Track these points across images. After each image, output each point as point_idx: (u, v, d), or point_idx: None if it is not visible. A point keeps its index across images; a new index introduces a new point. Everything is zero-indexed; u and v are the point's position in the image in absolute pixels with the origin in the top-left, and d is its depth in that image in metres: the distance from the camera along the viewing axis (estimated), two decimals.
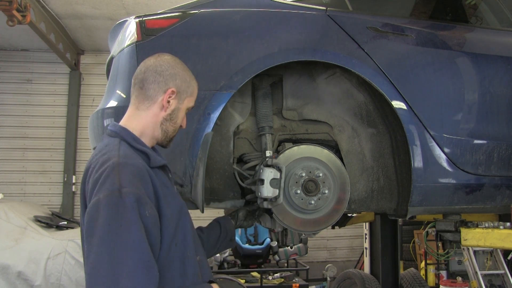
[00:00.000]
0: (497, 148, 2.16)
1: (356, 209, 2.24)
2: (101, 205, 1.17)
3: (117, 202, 1.17)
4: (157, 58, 1.46)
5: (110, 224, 1.15)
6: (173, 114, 1.44)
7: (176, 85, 1.43)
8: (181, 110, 1.46)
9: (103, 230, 1.14)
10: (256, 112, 2.13)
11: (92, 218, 1.17)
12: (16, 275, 4.15)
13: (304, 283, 5.39)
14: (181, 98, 1.45)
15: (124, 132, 1.38)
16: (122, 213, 1.16)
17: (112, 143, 1.34)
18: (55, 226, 4.82)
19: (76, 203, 6.89)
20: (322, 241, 7.22)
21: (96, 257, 1.13)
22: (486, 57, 2.26)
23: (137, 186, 1.22)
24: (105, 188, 1.19)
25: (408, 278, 4.21)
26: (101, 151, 1.33)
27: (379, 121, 2.19)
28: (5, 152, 6.84)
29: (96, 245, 1.14)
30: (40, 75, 7.04)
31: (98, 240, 1.14)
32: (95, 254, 1.13)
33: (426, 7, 2.53)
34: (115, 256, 1.12)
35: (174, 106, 1.44)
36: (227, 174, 2.09)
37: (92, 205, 1.18)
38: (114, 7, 5.68)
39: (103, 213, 1.16)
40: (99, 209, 1.17)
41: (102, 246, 1.13)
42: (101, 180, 1.21)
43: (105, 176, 1.21)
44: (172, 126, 1.45)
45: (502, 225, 2.30)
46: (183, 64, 1.51)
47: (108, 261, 1.12)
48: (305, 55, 1.98)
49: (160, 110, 1.42)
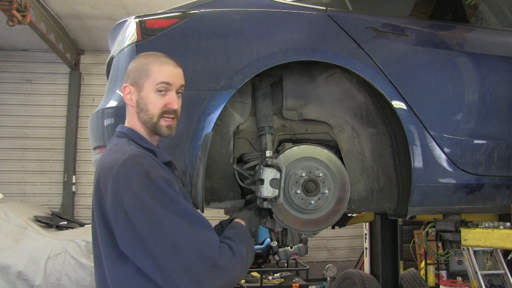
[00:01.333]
0: (497, 148, 2.16)
1: (356, 209, 2.24)
2: (138, 193, 1.23)
3: (151, 186, 1.25)
4: None
5: (160, 203, 1.24)
6: (140, 105, 1.45)
7: (131, 79, 1.47)
8: (144, 97, 1.44)
9: (158, 209, 1.23)
10: (256, 112, 2.13)
11: (137, 207, 1.22)
12: (16, 275, 4.15)
13: (304, 283, 5.39)
14: (139, 87, 1.45)
15: (130, 132, 1.45)
16: (161, 192, 1.26)
17: (122, 142, 1.41)
18: (55, 226, 4.82)
19: (76, 203, 6.89)
20: (322, 241, 7.22)
21: (168, 235, 1.22)
22: (486, 57, 2.26)
23: (159, 169, 1.32)
24: (133, 178, 1.25)
25: (408, 278, 4.22)
26: (111, 150, 1.40)
27: (379, 121, 2.19)
28: (5, 152, 6.84)
29: (160, 224, 1.22)
30: (40, 75, 7.04)
31: (159, 219, 1.22)
32: (166, 232, 1.22)
33: (426, 7, 2.53)
34: (183, 227, 1.24)
35: (136, 98, 1.45)
36: (227, 174, 2.09)
37: (130, 198, 1.23)
38: (114, 7, 5.68)
39: (146, 198, 1.23)
40: (139, 197, 1.23)
41: (166, 223, 1.22)
42: (123, 174, 1.26)
43: (126, 169, 1.27)
44: (145, 115, 1.44)
45: (502, 225, 2.30)
46: (141, 56, 1.53)
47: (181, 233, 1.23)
48: (305, 55, 1.98)
49: (131, 108, 1.48)
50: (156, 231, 1.21)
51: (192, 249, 1.22)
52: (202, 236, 1.26)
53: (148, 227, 1.22)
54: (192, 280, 1.22)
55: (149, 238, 1.21)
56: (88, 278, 4.30)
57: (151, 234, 1.22)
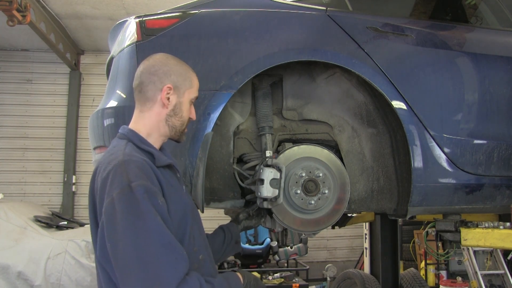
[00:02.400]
0: (497, 148, 2.16)
1: (356, 209, 2.24)
2: (115, 202, 1.21)
3: (129, 197, 1.22)
4: (149, 60, 1.49)
5: (127, 218, 1.20)
6: (175, 109, 1.47)
7: (172, 81, 1.46)
8: (183, 103, 1.49)
9: (122, 225, 1.19)
10: (256, 112, 2.13)
11: (110, 216, 1.21)
12: (16, 275, 4.15)
13: (304, 283, 5.39)
14: (180, 92, 1.48)
15: (131, 133, 1.43)
16: (135, 205, 1.21)
17: (119, 144, 1.40)
18: (55, 226, 4.82)
19: (76, 203, 6.89)
20: (322, 241, 7.22)
21: (122, 253, 1.18)
22: (486, 57, 2.26)
23: (144, 178, 1.27)
24: (115, 186, 1.23)
25: (408, 278, 4.21)
26: (109, 151, 1.39)
27: (379, 121, 2.19)
28: (5, 152, 6.83)
29: (119, 241, 1.19)
30: (40, 75, 7.04)
31: (120, 235, 1.19)
32: (120, 250, 1.18)
33: (426, 7, 2.53)
34: (138, 247, 1.17)
35: (175, 101, 1.47)
36: (227, 174, 2.09)
37: (108, 205, 1.22)
38: (114, 7, 5.68)
39: (119, 209, 1.20)
40: (114, 206, 1.21)
41: (124, 241, 1.18)
42: (110, 179, 1.25)
43: (113, 174, 1.26)
44: (178, 120, 1.48)
45: (502, 225, 2.30)
46: (176, 59, 1.53)
47: (133, 254, 1.17)
48: (305, 55, 1.98)
49: (162, 108, 1.46)
50: (117, 248, 1.19)
51: (144, 280, 1.15)
52: (161, 267, 1.17)
53: (112, 241, 1.20)
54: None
55: (111, 252, 1.20)
56: (88, 278, 4.29)
57: (113, 249, 1.20)
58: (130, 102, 1.86)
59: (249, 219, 2.04)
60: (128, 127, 1.47)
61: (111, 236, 1.20)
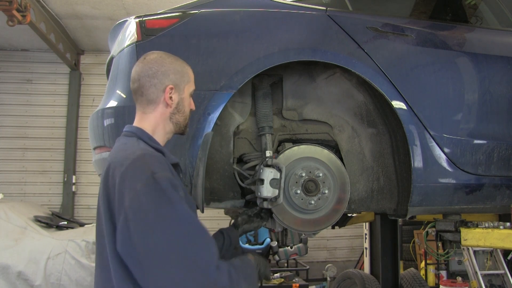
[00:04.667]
0: (497, 148, 2.16)
1: (356, 209, 2.24)
2: (140, 194, 1.21)
3: (155, 188, 1.22)
4: (144, 62, 1.50)
5: (156, 208, 1.20)
6: (179, 107, 1.50)
7: (171, 80, 1.48)
8: (184, 99, 1.52)
9: (152, 216, 1.19)
10: (256, 112, 2.13)
11: (137, 209, 1.20)
12: (16, 275, 4.15)
13: (304, 283, 5.39)
14: (180, 89, 1.51)
15: (139, 131, 1.45)
16: (162, 195, 1.22)
17: (131, 141, 1.42)
18: (55, 226, 4.82)
19: (76, 203, 6.89)
20: (322, 241, 7.22)
21: (156, 243, 1.16)
22: (486, 57, 2.26)
23: (166, 170, 1.30)
24: (138, 179, 1.23)
25: (408, 278, 4.21)
26: (120, 148, 1.40)
27: (379, 121, 2.19)
28: (5, 152, 6.83)
29: (151, 232, 1.17)
30: (40, 75, 7.04)
31: (151, 226, 1.18)
32: (154, 241, 1.16)
33: (426, 7, 2.53)
34: (173, 235, 1.18)
35: (177, 99, 1.50)
36: (227, 174, 2.09)
37: (133, 198, 1.21)
38: (114, 7, 5.68)
39: (146, 201, 1.20)
40: (139, 198, 1.21)
41: (157, 230, 1.17)
42: (130, 173, 1.25)
43: (134, 168, 1.26)
44: (181, 116, 1.52)
45: (502, 225, 2.30)
46: (170, 56, 1.53)
47: (168, 242, 1.17)
48: (305, 55, 1.98)
49: (166, 107, 1.48)
50: (148, 239, 1.16)
51: (182, 266, 1.15)
52: (197, 252, 1.19)
53: (141, 234, 1.17)
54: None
55: (140, 245, 1.16)
56: (88, 278, 4.29)
57: (143, 241, 1.16)
58: (130, 102, 1.85)
59: (249, 223, 2.02)
60: (135, 126, 1.48)
61: (141, 228, 1.17)
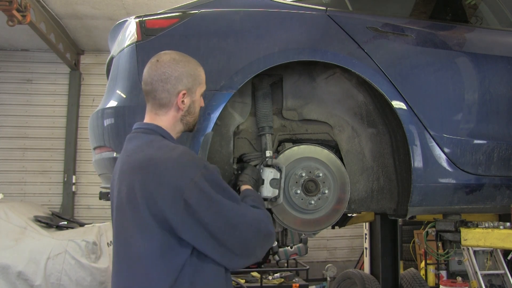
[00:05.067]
0: (497, 148, 2.16)
1: (356, 209, 2.24)
2: (200, 185, 1.34)
3: (209, 177, 1.37)
4: (156, 65, 1.51)
5: (217, 193, 1.37)
6: (190, 109, 1.55)
7: (184, 85, 1.51)
8: (196, 101, 1.57)
9: (217, 198, 1.36)
10: (256, 112, 2.13)
11: (199, 198, 1.33)
12: (16, 275, 4.15)
13: (304, 283, 5.39)
14: (192, 92, 1.54)
15: (160, 130, 1.50)
16: (217, 182, 1.39)
17: (158, 139, 1.46)
18: (55, 226, 4.82)
19: (76, 203, 6.90)
20: (322, 241, 7.22)
21: (229, 219, 1.37)
22: (486, 57, 2.26)
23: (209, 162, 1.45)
24: (193, 171, 1.35)
25: (408, 278, 4.22)
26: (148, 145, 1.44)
27: (379, 121, 2.19)
28: (5, 152, 6.84)
29: (223, 211, 1.37)
30: (40, 75, 7.04)
31: (221, 207, 1.36)
32: (226, 218, 1.37)
33: (426, 7, 2.53)
34: (239, 211, 1.40)
35: (189, 102, 1.54)
36: (227, 174, 2.08)
37: (193, 188, 1.32)
38: (114, 7, 5.68)
39: (207, 189, 1.35)
40: (201, 188, 1.34)
41: (227, 209, 1.37)
42: (181, 167, 1.35)
43: (184, 162, 1.36)
44: (191, 117, 1.57)
45: (502, 225, 2.30)
46: (183, 58, 1.54)
47: (238, 216, 1.39)
48: (305, 55, 1.98)
49: (177, 111, 1.52)
50: (218, 216, 1.35)
51: (249, 226, 1.41)
52: (254, 214, 1.45)
53: (211, 214, 1.34)
54: (249, 250, 1.42)
55: (212, 223, 1.34)
56: (88, 278, 4.30)
57: (214, 219, 1.34)
58: (130, 102, 1.86)
59: None
60: (153, 123, 1.51)
61: (208, 213, 1.34)
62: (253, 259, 1.46)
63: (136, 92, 1.84)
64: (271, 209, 1.94)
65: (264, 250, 1.48)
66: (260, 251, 1.47)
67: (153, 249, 1.34)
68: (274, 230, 1.50)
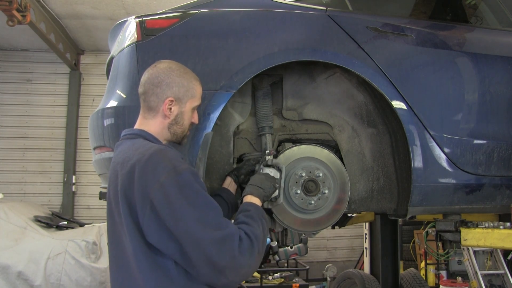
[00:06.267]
0: (497, 148, 2.16)
1: (356, 209, 2.24)
2: (165, 186, 1.30)
3: (177, 180, 1.31)
4: (153, 69, 1.55)
5: (182, 198, 1.30)
6: (177, 119, 1.54)
7: (174, 93, 1.52)
8: (184, 113, 1.56)
9: (180, 204, 1.29)
10: (256, 112, 2.13)
11: (162, 201, 1.29)
12: (16, 275, 4.15)
13: (304, 283, 5.39)
14: (182, 103, 1.54)
15: (143, 133, 1.52)
16: (186, 186, 1.32)
17: (139, 141, 1.46)
18: (55, 226, 4.82)
19: (76, 203, 6.90)
20: (322, 241, 7.22)
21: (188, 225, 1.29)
22: (486, 57, 2.26)
23: (185, 163, 1.39)
24: (160, 172, 1.31)
25: (408, 278, 4.22)
26: (130, 148, 1.43)
27: (379, 121, 2.19)
28: (5, 152, 6.84)
29: (182, 219, 1.29)
30: (40, 75, 7.04)
31: (181, 213, 1.29)
32: (185, 225, 1.29)
33: (426, 7, 2.53)
34: (200, 219, 1.31)
35: (177, 112, 1.53)
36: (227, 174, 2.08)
37: (158, 189, 1.29)
38: (114, 7, 5.68)
39: (172, 192, 1.30)
40: (165, 190, 1.29)
41: (187, 218, 1.29)
42: (150, 168, 1.32)
43: (154, 163, 1.33)
44: (179, 128, 1.56)
45: (502, 225, 2.30)
46: (180, 68, 1.56)
47: (198, 229, 1.30)
48: (305, 55, 1.98)
49: (164, 118, 1.53)
50: (181, 224, 1.29)
51: (213, 243, 1.30)
52: (222, 230, 1.33)
53: (173, 220, 1.28)
54: (216, 270, 1.31)
55: (174, 229, 1.29)
56: (88, 278, 4.30)
57: (176, 226, 1.29)
58: (130, 102, 1.86)
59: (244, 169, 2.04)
60: (137, 128, 1.52)
61: (170, 218, 1.28)
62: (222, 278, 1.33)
63: (136, 92, 1.83)
64: (271, 209, 1.94)
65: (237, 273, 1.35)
66: (232, 273, 1.33)
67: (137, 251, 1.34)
68: (243, 256, 1.34)
